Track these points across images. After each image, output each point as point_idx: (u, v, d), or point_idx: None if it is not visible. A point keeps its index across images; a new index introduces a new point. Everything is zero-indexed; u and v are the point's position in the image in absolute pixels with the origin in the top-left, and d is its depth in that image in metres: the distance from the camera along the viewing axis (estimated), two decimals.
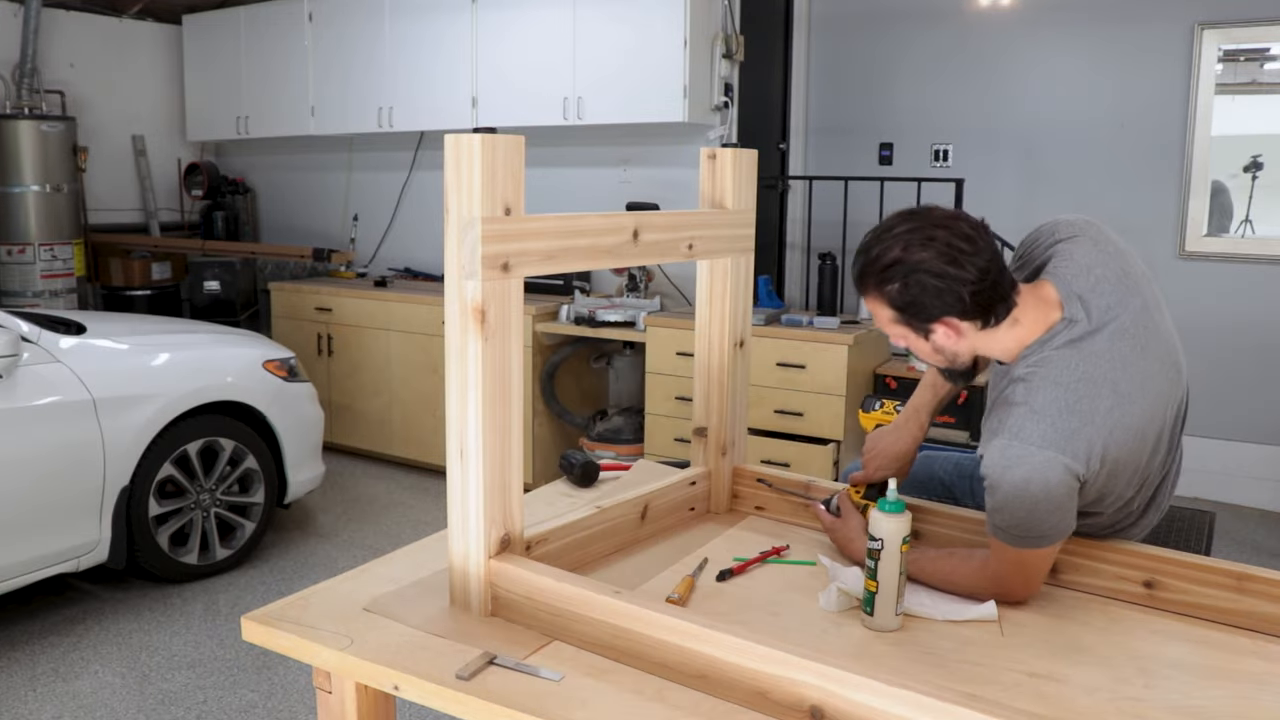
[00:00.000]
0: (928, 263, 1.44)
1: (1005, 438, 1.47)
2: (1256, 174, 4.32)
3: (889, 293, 1.49)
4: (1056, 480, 1.44)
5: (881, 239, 1.49)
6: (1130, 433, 1.50)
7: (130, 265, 5.83)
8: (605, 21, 4.43)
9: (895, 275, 1.47)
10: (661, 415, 4.22)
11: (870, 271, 1.50)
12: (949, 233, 1.45)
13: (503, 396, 1.41)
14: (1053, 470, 1.43)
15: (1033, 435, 1.45)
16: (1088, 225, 1.62)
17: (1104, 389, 1.48)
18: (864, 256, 1.52)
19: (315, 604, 1.49)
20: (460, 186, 1.33)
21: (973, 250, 1.45)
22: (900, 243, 1.47)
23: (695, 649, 1.26)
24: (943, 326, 1.50)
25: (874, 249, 1.50)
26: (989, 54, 4.70)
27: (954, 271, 1.44)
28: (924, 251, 1.45)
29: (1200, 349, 4.42)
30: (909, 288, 1.46)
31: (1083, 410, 1.46)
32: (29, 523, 2.92)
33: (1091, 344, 1.50)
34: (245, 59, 5.79)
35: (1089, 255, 1.56)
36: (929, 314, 1.49)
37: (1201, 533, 2.20)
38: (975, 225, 1.48)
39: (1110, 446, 1.47)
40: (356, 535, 4.07)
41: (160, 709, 2.70)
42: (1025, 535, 1.48)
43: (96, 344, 3.26)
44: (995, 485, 1.47)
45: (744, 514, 1.98)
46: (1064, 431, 1.45)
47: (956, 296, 1.45)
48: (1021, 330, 1.53)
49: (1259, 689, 1.33)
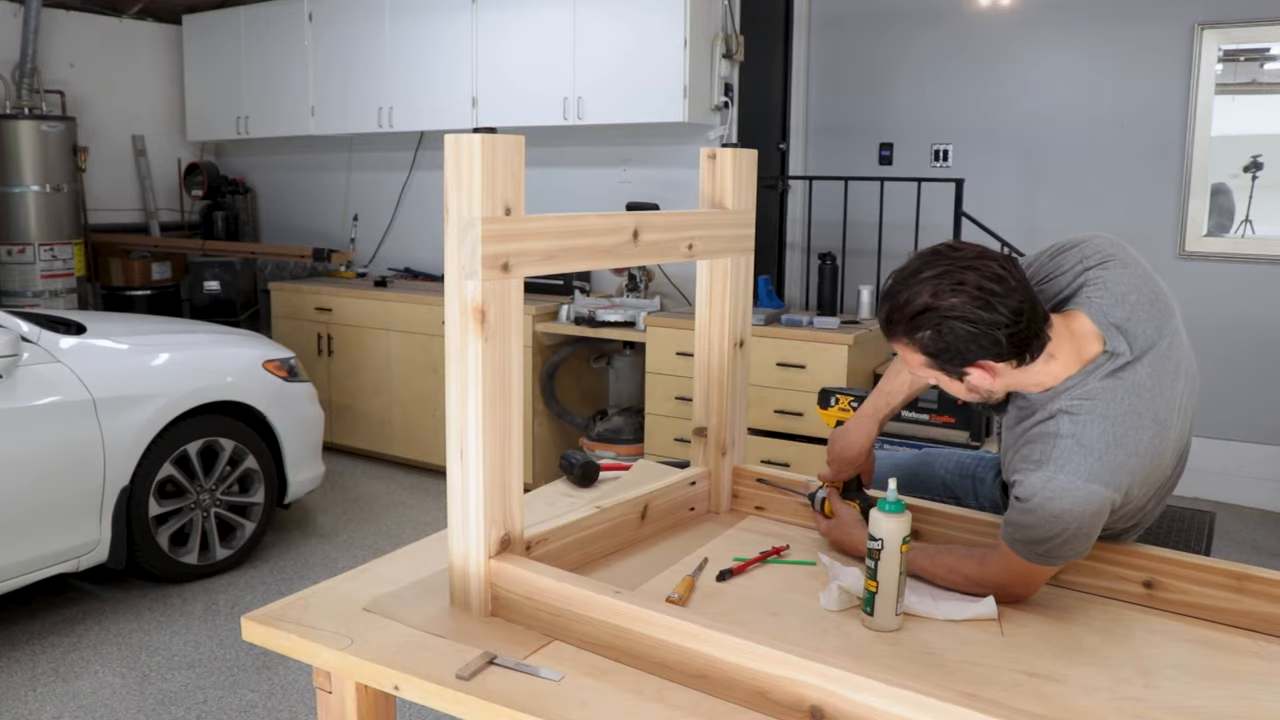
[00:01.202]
0: (959, 309, 1.40)
1: (1051, 469, 1.46)
2: (1256, 174, 4.32)
3: (920, 340, 1.45)
4: (1094, 511, 1.45)
5: (909, 284, 1.45)
6: (1164, 456, 1.53)
7: (130, 265, 5.83)
8: (605, 21, 4.43)
9: (926, 323, 1.42)
10: (661, 415, 4.22)
11: (899, 319, 1.46)
12: (979, 275, 1.41)
13: (502, 396, 1.41)
14: (1094, 502, 1.44)
15: (1080, 470, 1.44)
16: (1114, 247, 1.59)
17: (1147, 420, 1.48)
18: (890, 302, 1.47)
19: (315, 604, 1.49)
20: (460, 186, 1.33)
21: (1004, 291, 1.40)
22: (929, 288, 1.42)
23: (695, 649, 1.26)
24: (978, 370, 1.47)
25: (901, 295, 1.45)
26: (989, 54, 4.71)
27: (987, 316, 1.40)
28: (955, 297, 1.40)
29: (1200, 349, 4.36)
30: (941, 335, 1.42)
31: (1128, 444, 1.46)
32: (29, 523, 2.92)
33: (1134, 374, 1.49)
34: (245, 59, 5.79)
35: (1122, 282, 1.54)
36: (964, 359, 1.45)
37: (1201, 533, 2.20)
38: (1004, 263, 1.44)
39: (1148, 473, 1.50)
40: (356, 535, 4.07)
41: (160, 709, 2.70)
42: (1046, 555, 1.49)
43: (96, 344, 3.26)
44: (1033, 510, 1.47)
45: (744, 514, 1.98)
46: (1110, 466, 1.45)
47: (992, 340, 1.41)
48: (1056, 366, 1.50)
49: (1259, 689, 1.33)
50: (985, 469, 2.06)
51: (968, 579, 1.58)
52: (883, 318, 1.50)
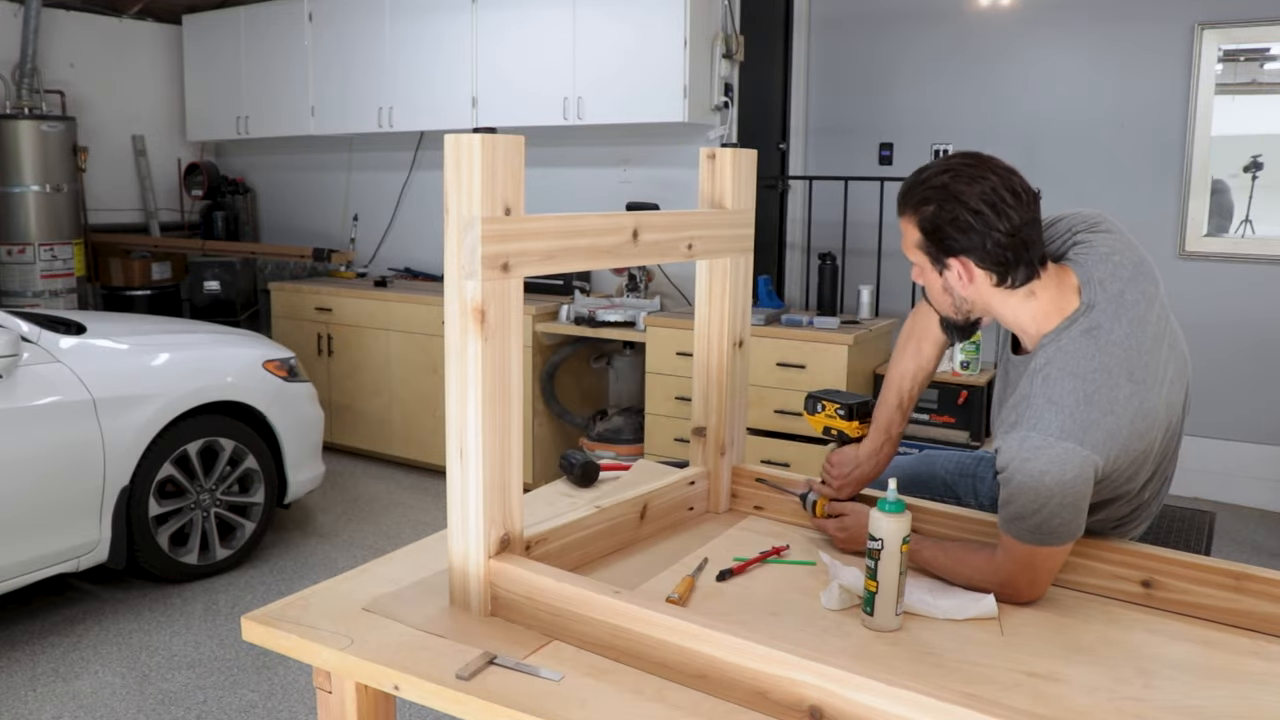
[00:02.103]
0: (968, 196, 1.47)
1: (1023, 430, 1.47)
2: (1256, 174, 4.32)
3: (923, 213, 1.52)
4: (1074, 473, 1.44)
5: (939, 164, 1.53)
6: (1147, 420, 1.50)
7: (130, 265, 5.83)
8: (605, 21, 4.43)
9: (934, 198, 1.50)
10: (661, 415, 4.22)
11: (914, 189, 1.54)
12: (1000, 181, 1.48)
13: (502, 396, 1.41)
14: (1070, 462, 1.43)
15: (1051, 426, 1.45)
16: (1100, 216, 1.64)
17: (1121, 378, 1.48)
18: (915, 176, 1.55)
19: (315, 604, 1.49)
20: (460, 186, 1.33)
21: (1015, 205, 1.47)
22: (951, 172, 1.50)
23: (695, 649, 1.26)
24: (958, 264, 1.52)
25: (926, 171, 1.54)
26: (989, 54, 4.71)
27: (990, 215, 1.46)
28: (970, 186, 1.47)
29: (1200, 349, 4.40)
30: (941, 212, 1.49)
31: (1101, 401, 1.46)
32: (29, 523, 2.92)
33: (1109, 333, 1.50)
34: (245, 59, 5.79)
35: (1106, 244, 1.58)
36: (949, 247, 1.51)
37: (1201, 533, 2.20)
38: (1027, 188, 1.50)
39: (1130, 437, 1.48)
40: (356, 535, 4.07)
41: (160, 709, 2.70)
42: (1037, 530, 1.47)
43: (96, 344, 3.26)
44: (1010, 477, 1.47)
45: (743, 514, 1.98)
46: (1082, 422, 1.44)
47: (981, 239, 1.48)
48: (1036, 307, 1.53)
49: (1258, 689, 1.33)
50: (985, 469, 2.06)
51: (976, 571, 1.57)
52: (902, 189, 1.57)
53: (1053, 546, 1.50)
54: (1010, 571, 1.54)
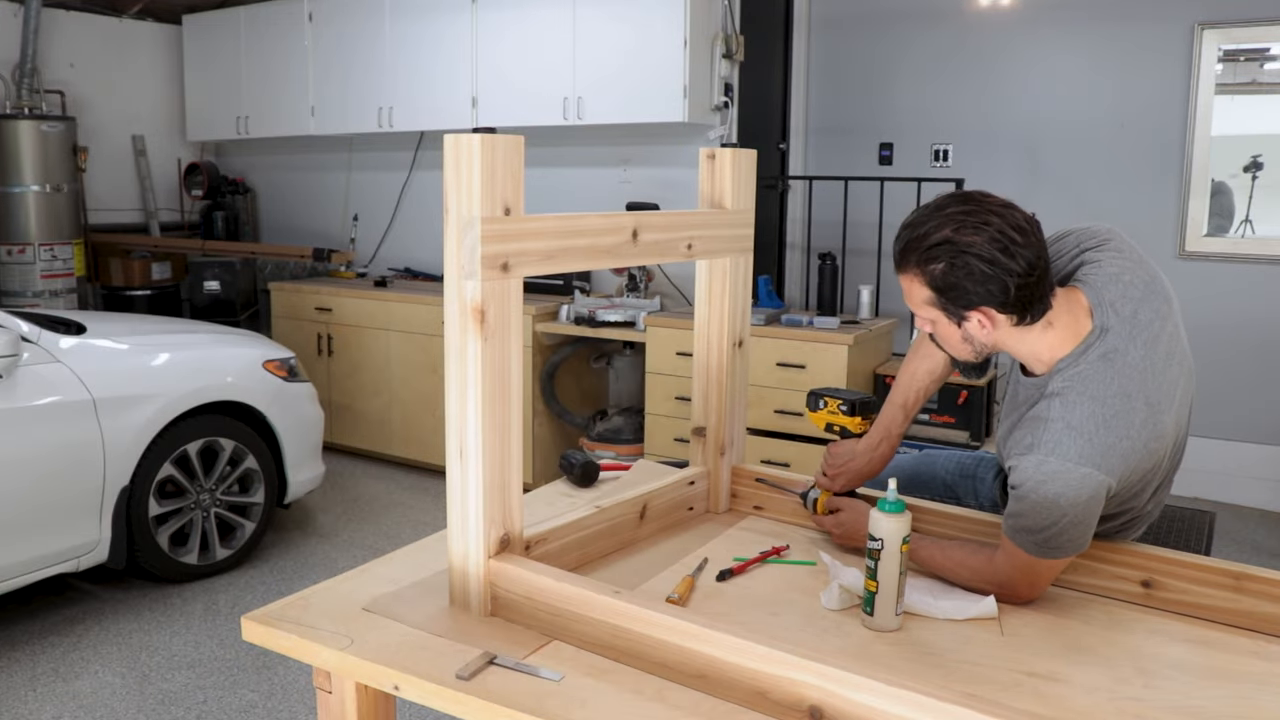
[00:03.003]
0: (978, 247, 1.41)
1: (1042, 453, 1.45)
2: (1256, 174, 4.32)
3: (931, 272, 1.45)
4: (1088, 496, 1.44)
5: (933, 216, 1.46)
6: (1159, 441, 1.51)
7: (130, 265, 5.83)
8: (605, 21, 4.43)
9: (942, 255, 1.44)
10: (661, 415, 4.22)
11: (915, 248, 1.46)
12: (1003, 221, 1.43)
13: (502, 396, 1.41)
14: (1087, 486, 1.43)
15: (1070, 452, 1.44)
16: (1111, 233, 1.60)
17: (1138, 402, 1.47)
18: (910, 232, 1.48)
19: (315, 604, 1.49)
20: (460, 186, 1.33)
21: (1024, 243, 1.42)
22: (953, 223, 1.43)
23: (695, 649, 1.26)
24: (979, 315, 1.47)
25: (923, 226, 1.46)
26: (989, 54, 4.71)
27: (1004, 260, 1.41)
28: (976, 235, 1.42)
29: (1200, 349, 4.38)
30: (954, 269, 1.43)
31: (1119, 426, 1.45)
32: (29, 523, 2.92)
33: (1125, 356, 1.49)
34: (245, 59, 5.79)
35: (1116, 263, 1.55)
36: (969, 300, 1.46)
37: (1201, 533, 2.20)
38: (1028, 218, 1.46)
39: (1143, 458, 1.48)
40: (356, 535, 4.07)
41: (160, 709, 2.70)
42: (1045, 545, 1.48)
43: (96, 344, 3.26)
44: (1025, 495, 1.46)
45: (743, 514, 1.98)
46: (1101, 448, 1.44)
47: (1001, 287, 1.42)
48: (1053, 336, 1.51)
49: (1258, 689, 1.33)
50: (985, 469, 2.06)
51: (975, 573, 1.58)
52: (899, 246, 1.50)
53: (1057, 559, 1.51)
54: (1010, 576, 1.55)
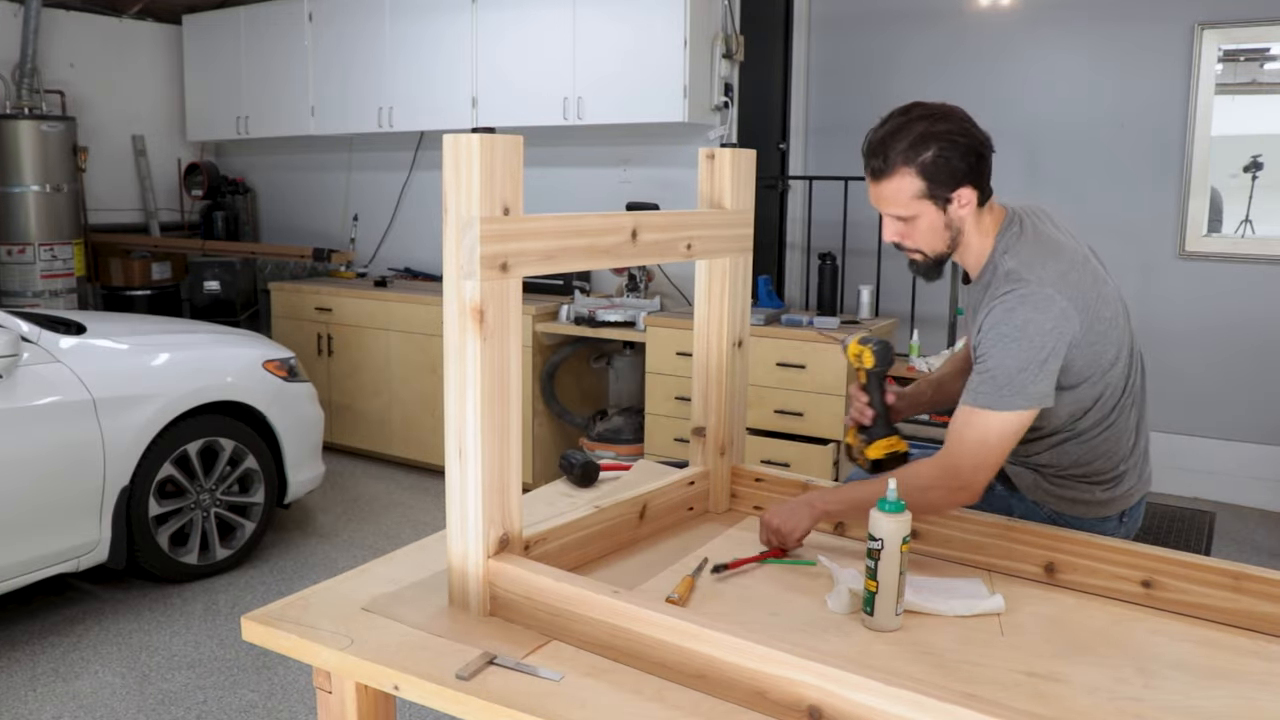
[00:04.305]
0: (955, 129, 1.60)
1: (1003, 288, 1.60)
2: (1256, 174, 4.32)
3: (923, 162, 1.60)
4: (1053, 322, 1.55)
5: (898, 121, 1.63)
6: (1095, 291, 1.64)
7: (130, 265, 5.83)
8: (605, 21, 4.43)
9: (928, 143, 1.60)
10: (661, 415, 4.22)
11: (899, 146, 1.61)
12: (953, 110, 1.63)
13: (501, 396, 1.41)
14: (1052, 308, 1.56)
15: (1030, 276, 1.59)
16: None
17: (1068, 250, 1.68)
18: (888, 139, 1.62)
19: (315, 604, 1.49)
20: (459, 186, 1.33)
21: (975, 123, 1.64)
22: (922, 122, 1.61)
23: (694, 649, 1.26)
24: (964, 191, 1.63)
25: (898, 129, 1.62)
26: (989, 54, 4.70)
27: (976, 133, 1.62)
28: (948, 121, 1.61)
29: (1200, 349, 4.42)
30: (943, 151, 1.60)
31: (1063, 260, 1.64)
32: (29, 523, 2.92)
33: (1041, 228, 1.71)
34: (245, 59, 5.79)
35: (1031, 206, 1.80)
36: (957, 178, 1.62)
37: (1201, 533, 2.20)
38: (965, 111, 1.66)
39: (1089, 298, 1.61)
40: (356, 535, 4.07)
41: (160, 709, 2.70)
42: (1006, 386, 1.55)
43: (96, 344, 3.26)
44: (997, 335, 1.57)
45: (743, 514, 1.98)
46: (1055, 272, 1.61)
47: (979, 157, 1.62)
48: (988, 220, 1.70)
49: (1258, 689, 1.33)
50: None
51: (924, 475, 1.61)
52: (880, 154, 1.64)
53: (1011, 412, 1.56)
54: (959, 450, 1.59)
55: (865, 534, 1.50)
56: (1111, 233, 4.49)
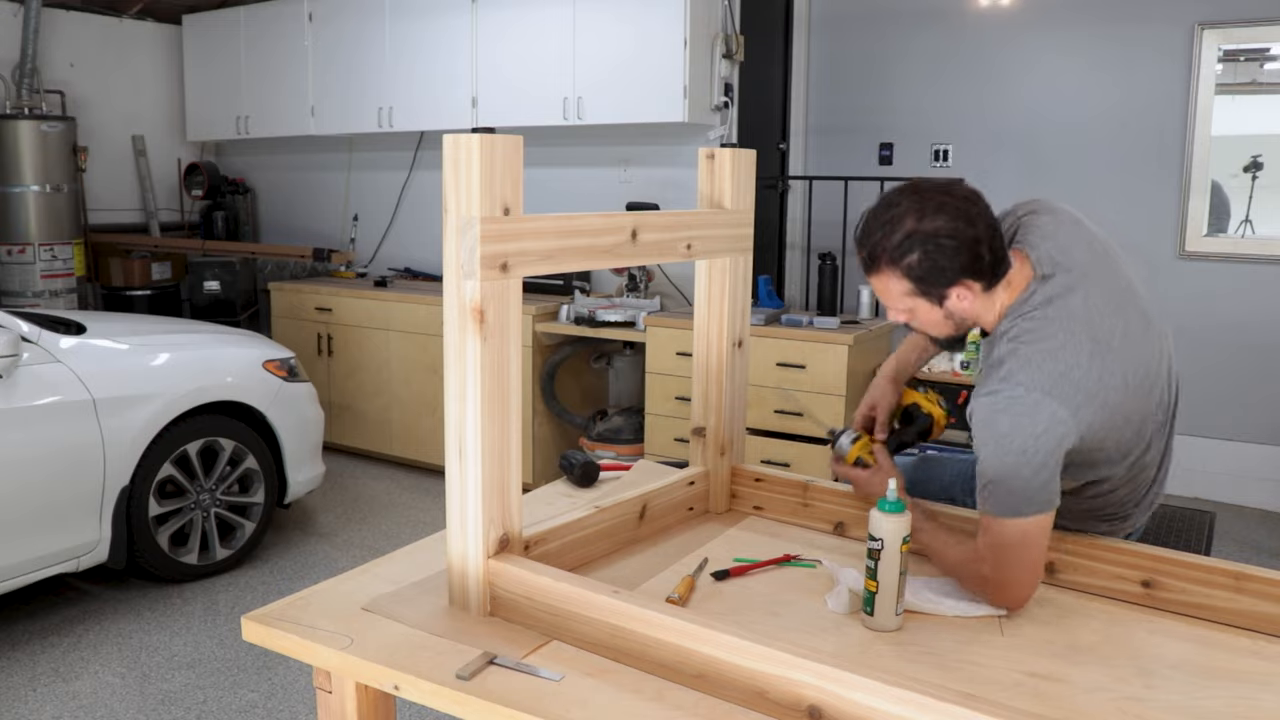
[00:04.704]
0: (944, 228, 1.48)
1: (992, 383, 1.51)
2: (1256, 174, 4.32)
3: (907, 265, 1.50)
4: (1044, 427, 1.45)
5: (887, 215, 1.51)
6: (1116, 377, 1.52)
7: (130, 265, 5.83)
8: (605, 21, 4.43)
9: (913, 246, 1.49)
10: (661, 415, 4.22)
11: (884, 248, 1.51)
12: (952, 197, 1.50)
13: (501, 396, 1.41)
14: (1041, 414, 1.45)
15: (1020, 380, 1.48)
16: (1043, 202, 1.69)
17: (1082, 338, 1.51)
18: (871, 236, 1.53)
19: (315, 604, 1.49)
20: (459, 186, 1.33)
21: (980, 209, 1.50)
22: (911, 215, 1.49)
23: (694, 649, 1.26)
24: (959, 289, 1.53)
25: (882, 226, 1.52)
26: (989, 54, 4.70)
27: (970, 230, 1.48)
28: (938, 218, 1.48)
29: (1200, 349, 4.42)
30: (928, 255, 1.49)
31: (1065, 356, 1.49)
32: (29, 523, 2.92)
33: (1065, 300, 1.54)
34: (245, 59, 5.79)
35: (1049, 223, 1.63)
36: (948, 278, 1.51)
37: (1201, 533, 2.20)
38: (972, 190, 1.53)
39: (1102, 391, 1.50)
40: (356, 535, 4.07)
41: (160, 709, 2.70)
42: (1009, 494, 1.46)
43: (96, 344, 3.26)
44: (983, 441, 1.49)
45: (743, 514, 1.98)
46: (1050, 375, 1.48)
47: (974, 255, 1.49)
48: (998, 309, 1.59)
49: (1259, 689, 1.33)
50: None
51: (961, 566, 1.56)
52: (865, 254, 1.55)
53: (1029, 517, 1.47)
54: (996, 558, 1.50)
55: (865, 534, 1.50)
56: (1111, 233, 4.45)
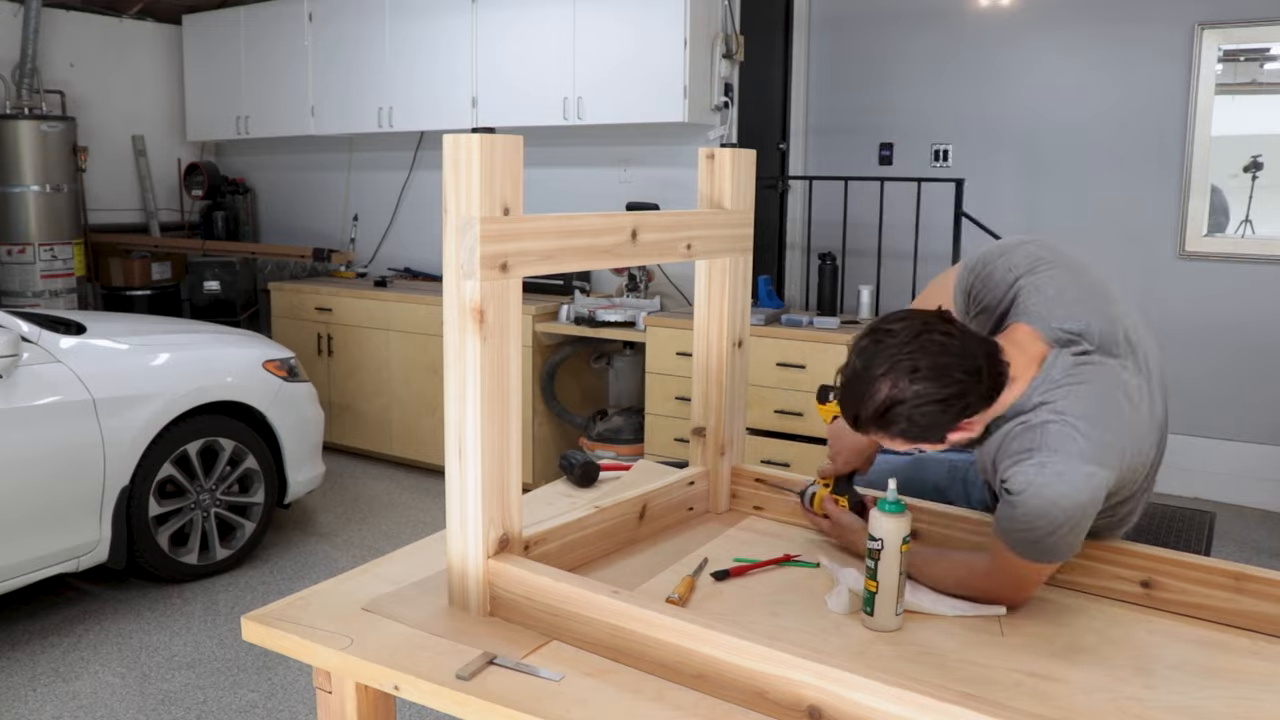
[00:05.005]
0: (924, 394, 1.38)
1: (1043, 455, 1.44)
2: (1256, 174, 4.32)
3: (894, 432, 1.43)
4: (1089, 497, 1.43)
5: (862, 384, 1.42)
6: (1140, 437, 1.51)
7: (130, 265, 5.83)
8: (605, 21, 4.43)
9: (897, 418, 1.40)
10: (661, 415, 4.22)
11: (867, 419, 1.43)
12: (925, 354, 1.38)
13: (501, 396, 1.41)
14: (1090, 485, 1.43)
15: (1073, 449, 1.43)
16: (1039, 248, 1.59)
17: (1119, 396, 1.48)
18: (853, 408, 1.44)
19: (315, 604, 1.49)
20: (459, 186, 1.33)
21: (958, 356, 1.39)
22: (886, 383, 1.39)
23: (694, 649, 1.26)
24: (958, 432, 1.45)
25: (861, 398, 1.42)
26: (989, 54, 4.70)
27: (952, 390, 1.38)
28: (915, 385, 1.38)
29: (1200, 349, 4.42)
30: (915, 423, 1.40)
31: (1109, 420, 1.46)
32: (29, 523, 2.92)
33: (1092, 363, 1.50)
34: (245, 59, 5.79)
35: (1052, 283, 1.54)
36: (942, 431, 1.43)
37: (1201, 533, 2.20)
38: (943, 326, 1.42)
39: (1133, 452, 1.49)
40: (356, 535, 4.07)
41: (160, 709, 2.70)
42: (1043, 549, 1.47)
43: (96, 344, 3.26)
44: (1027, 501, 1.44)
45: (743, 514, 1.98)
46: (1099, 445, 1.44)
47: (963, 406, 1.41)
48: (1017, 385, 1.49)
49: (1259, 689, 1.33)
50: (976, 473, 2.06)
51: (960, 583, 1.57)
52: (849, 418, 1.46)
53: (1052, 564, 1.50)
54: (1000, 582, 1.54)
55: None
56: (1111, 233, 4.49)
